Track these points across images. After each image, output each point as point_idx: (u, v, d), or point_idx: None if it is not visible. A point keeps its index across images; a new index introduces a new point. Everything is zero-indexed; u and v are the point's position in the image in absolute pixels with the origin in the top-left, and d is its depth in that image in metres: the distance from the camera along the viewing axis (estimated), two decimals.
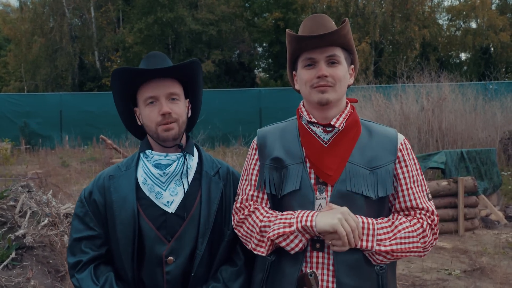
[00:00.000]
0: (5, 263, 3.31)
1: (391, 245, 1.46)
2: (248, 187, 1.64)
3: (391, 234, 1.48)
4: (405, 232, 1.48)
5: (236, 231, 1.62)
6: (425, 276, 4.65)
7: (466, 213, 6.22)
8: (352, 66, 1.66)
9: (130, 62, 27.01)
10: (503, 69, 29.42)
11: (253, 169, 1.65)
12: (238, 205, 1.63)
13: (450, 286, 4.39)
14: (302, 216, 1.47)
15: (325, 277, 1.51)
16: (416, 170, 1.60)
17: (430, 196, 1.61)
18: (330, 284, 1.50)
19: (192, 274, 1.61)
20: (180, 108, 1.65)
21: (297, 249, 1.48)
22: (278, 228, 1.49)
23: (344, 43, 1.56)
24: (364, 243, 1.45)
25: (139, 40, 27.07)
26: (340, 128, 1.56)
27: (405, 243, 1.47)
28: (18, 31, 30.04)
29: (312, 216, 1.45)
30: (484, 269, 4.72)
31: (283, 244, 1.48)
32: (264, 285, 1.60)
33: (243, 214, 1.59)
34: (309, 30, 1.55)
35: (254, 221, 1.55)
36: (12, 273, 3.24)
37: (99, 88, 27.55)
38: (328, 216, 1.43)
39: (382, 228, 1.49)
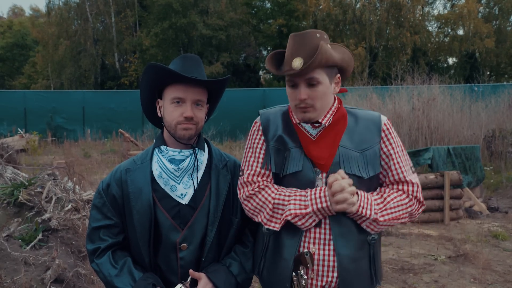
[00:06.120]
0: (32, 243, 3.33)
1: (382, 215, 1.50)
2: (255, 164, 1.60)
3: (381, 206, 1.52)
4: (394, 203, 1.53)
5: (243, 204, 1.59)
6: (413, 261, 4.64)
7: (451, 204, 6.20)
8: (339, 75, 1.59)
9: (147, 63, 26.99)
10: (487, 73, 29.18)
11: (260, 148, 1.61)
12: (245, 179, 1.59)
13: (436, 270, 4.38)
14: (316, 198, 1.47)
15: (326, 252, 1.50)
16: (400, 146, 1.62)
17: (413, 169, 1.63)
18: (331, 258, 1.50)
19: (203, 259, 1.61)
20: (202, 114, 1.63)
21: (310, 227, 1.50)
22: (295, 209, 1.48)
23: (321, 65, 1.48)
24: (363, 211, 1.48)
25: (155, 43, 27.06)
26: (327, 124, 1.56)
27: (395, 212, 1.53)
28: (45, 34, 30.13)
29: (325, 197, 1.46)
30: (467, 255, 4.71)
31: (299, 223, 1.49)
32: (264, 257, 1.61)
33: (252, 189, 1.56)
34: (291, 51, 1.50)
35: (266, 198, 1.53)
36: (39, 253, 3.27)
37: (119, 86, 27.58)
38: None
39: (376, 200, 1.52)
